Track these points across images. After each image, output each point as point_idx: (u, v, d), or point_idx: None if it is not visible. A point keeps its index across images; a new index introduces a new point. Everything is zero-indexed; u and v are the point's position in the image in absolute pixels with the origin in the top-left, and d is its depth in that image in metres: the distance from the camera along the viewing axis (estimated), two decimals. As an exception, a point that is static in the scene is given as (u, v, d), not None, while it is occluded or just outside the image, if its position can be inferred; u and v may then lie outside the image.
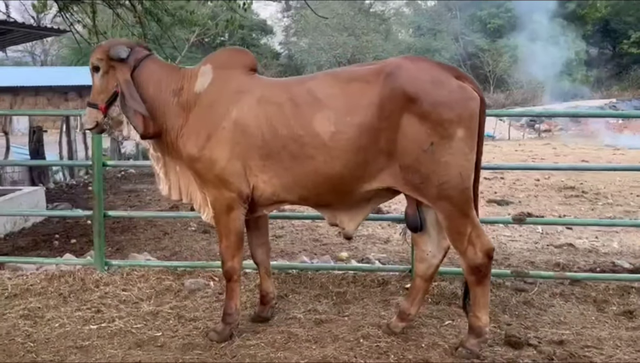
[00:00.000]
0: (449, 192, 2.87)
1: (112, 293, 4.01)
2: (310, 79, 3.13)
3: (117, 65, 3.21)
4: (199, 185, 3.25)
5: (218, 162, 3.09)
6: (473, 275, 2.99)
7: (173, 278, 4.27)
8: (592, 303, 3.86)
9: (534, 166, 6.25)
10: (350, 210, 3.15)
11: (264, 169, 3.08)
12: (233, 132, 3.07)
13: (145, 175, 14.19)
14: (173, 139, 3.25)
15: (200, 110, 3.17)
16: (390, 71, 2.90)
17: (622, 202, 9.62)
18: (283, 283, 4.17)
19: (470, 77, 3.01)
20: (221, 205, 3.16)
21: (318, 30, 40.13)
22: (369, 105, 2.89)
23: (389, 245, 6.66)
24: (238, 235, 3.22)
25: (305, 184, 3.04)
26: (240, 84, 3.15)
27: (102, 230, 4.36)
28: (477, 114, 2.90)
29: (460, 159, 2.86)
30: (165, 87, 3.24)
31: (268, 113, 3.04)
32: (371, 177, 2.97)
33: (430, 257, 3.26)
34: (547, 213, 8.59)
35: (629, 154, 18.63)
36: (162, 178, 3.39)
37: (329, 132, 2.92)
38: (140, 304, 3.84)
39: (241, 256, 3.29)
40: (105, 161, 4.43)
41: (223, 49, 3.89)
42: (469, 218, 2.93)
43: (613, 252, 6.31)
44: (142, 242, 7.00)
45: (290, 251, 6.28)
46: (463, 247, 2.95)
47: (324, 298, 3.95)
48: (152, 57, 3.34)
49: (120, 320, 3.58)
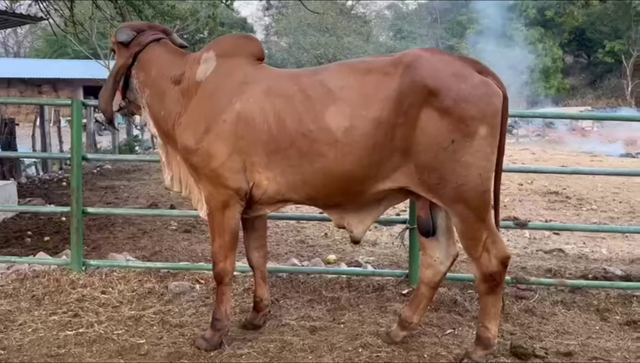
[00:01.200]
0: (467, 194, 2.69)
1: (90, 296, 3.74)
2: (323, 69, 2.92)
3: (119, 49, 3.13)
4: (195, 179, 3.03)
5: (216, 156, 2.87)
6: (486, 283, 2.81)
7: (155, 280, 4.01)
8: (595, 312, 3.74)
9: (540, 169, 6.18)
10: (359, 212, 2.95)
11: (269, 166, 2.86)
12: (235, 125, 2.85)
13: (123, 171, 13.80)
14: (169, 128, 3.04)
15: (200, 100, 2.95)
16: (410, 62, 2.71)
17: (606, 208, 9.63)
18: (273, 287, 3.94)
19: (493, 72, 2.83)
20: (216, 202, 2.94)
21: (299, 30, 39.97)
22: (386, 98, 2.68)
23: (377, 248, 6.48)
24: (233, 234, 3.00)
25: (314, 183, 2.83)
26: (245, 74, 2.94)
27: (80, 228, 4.08)
28: (500, 111, 2.72)
29: (481, 159, 2.68)
30: (166, 72, 3.06)
31: (276, 106, 2.82)
32: (384, 176, 2.78)
33: (437, 264, 3.08)
34: (533, 218, 8.51)
35: (607, 161, 18.85)
36: (166, 167, 3.20)
37: (343, 127, 2.71)
38: (121, 308, 3.59)
39: (234, 258, 3.08)
40: (85, 154, 4.14)
41: (228, 35, 3.67)
42: (485, 223, 2.76)
43: (602, 258, 6.24)
44: (120, 241, 6.69)
45: (276, 253, 6.05)
46: (477, 253, 2.78)
47: (318, 303, 3.74)
48: (162, 40, 3.16)
49: (99, 325, 3.32)
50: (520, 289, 4.01)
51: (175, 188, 3.18)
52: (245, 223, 3.21)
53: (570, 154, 21.22)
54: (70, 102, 4.10)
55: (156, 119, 3.10)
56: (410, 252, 4.01)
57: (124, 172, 13.75)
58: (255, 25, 49.72)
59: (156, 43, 3.13)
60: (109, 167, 13.97)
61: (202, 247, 6.47)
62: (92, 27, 19.97)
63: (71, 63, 34.81)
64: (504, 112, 2.75)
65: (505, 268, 2.83)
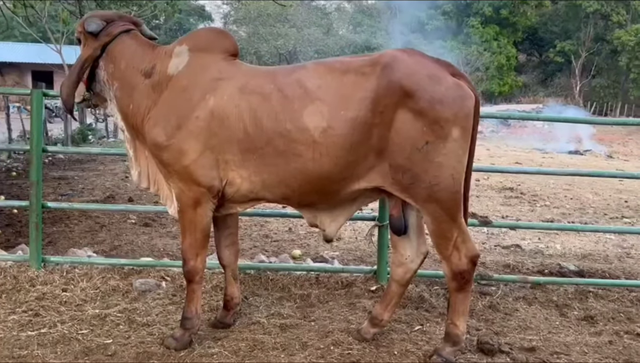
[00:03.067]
0: (439, 194, 2.74)
1: (51, 294, 3.60)
2: (300, 68, 2.89)
3: (86, 39, 3.01)
4: (164, 175, 2.96)
5: (188, 153, 2.81)
6: (455, 281, 2.87)
7: (119, 277, 3.90)
8: (555, 308, 3.87)
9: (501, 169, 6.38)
10: (333, 211, 2.96)
11: (243, 164, 2.83)
12: (209, 122, 2.80)
13: (76, 161, 13.37)
14: (139, 122, 2.95)
15: (171, 95, 2.88)
16: (387, 63, 2.72)
17: (558, 204, 10.00)
18: (242, 284, 3.89)
19: (465, 75, 2.88)
20: (187, 199, 2.88)
21: (259, 19, 39.56)
22: (363, 98, 2.69)
23: (341, 243, 6.52)
24: (204, 232, 2.95)
25: (289, 183, 2.81)
26: (219, 69, 2.88)
27: (40, 223, 3.92)
28: (472, 113, 2.77)
29: (453, 160, 2.73)
30: (136, 65, 2.96)
31: (252, 104, 2.78)
32: (360, 176, 2.79)
33: (408, 262, 3.12)
34: (490, 213, 8.74)
35: (557, 158, 19.57)
36: (133, 163, 3.11)
37: (321, 128, 2.70)
38: (85, 306, 3.48)
39: (205, 256, 3.03)
40: (45, 147, 3.98)
41: (201, 29, 3.61)
42: (456, 222, 2.81)
43: (557, 253, 6.48)
44: (77, 235, 6.49)
45: (240, 248, 6.00)
46: (447, 252, 2.83)
47: (287, 301, 3.73)
48: (132, 32, 3.06)
49: (62, 325, 3.21)
50: (482, 285, 4.12)
51: (143, 185, 3.10)
52: (217, 220, 3.16)
53: (523, 150, 21.91)
54: (30, 92, 3.92)
55: (124, 113, 3.01)
56: (379, 249, 4.04)
57: (77, 162, 13.33)
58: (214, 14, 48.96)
59: (126, 34, 3.03)
60: (62, 156, 13.51)
61: (164, 241, 6.35)
62: (42, 9, 19.15)
63: (19, 46, 33.36)
64: (476, 114, 2.81)
65: (474, 267, 2.89)
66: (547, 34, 46.29)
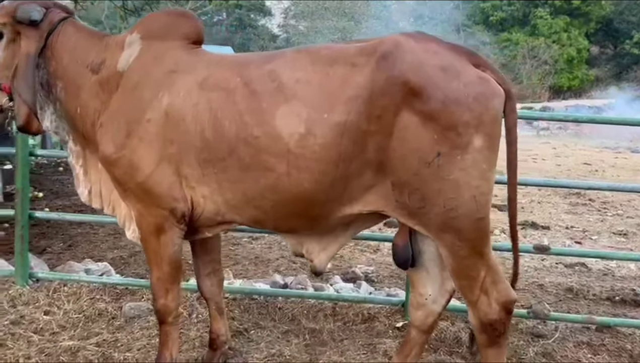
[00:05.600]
0: (458, 221, 2.10)
1: (29, 318, 3.19)
2: (278, 56, 2.29)
3: (25, 31, 2.41)
4: (121, 196, 2.44)
5: (141, 167, 2.28)
6: (485, 333, 2.23)
7: (110, 299, 3.46)
8: (629, 359, 3.10)
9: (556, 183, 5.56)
10: (322, 238, 2.36)
11: (202, 180, 2.27)
12: (163, 126, 2.25)
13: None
14: (88, 128, 2.43)
15: (122, 95, 2.35)
16: (387, 52, 2.10)
17: (633, 213, 8.88)
18: (245, 312, 3.38)
19: (493, 66, 2.21)
20: (148, 225, 2.36)
21: (317, 13, 39.19)
22: (353, 98, 2.08)
23: (378, 255, 5.87)
24: (173, 264, 2.42)
25: (260, 204, 2.23)
26: (176, 60, 2.32)
27: (25, 235, 3.53)
28: (500, 116, 2.13)
29: (475, 177, 2.08)
30: (81, 59, 2.42)
31: (212, 102, 2.21)
32: (353, 197, 2.18)
33: (430, 303, 2.48)
34: (553, 223, 7.84)
35: (632, 158, 17.93)
36: (82, 179, 2.58)
37: (297, 134, 2.10)
38: (61, 335, 3.04)
39: (177, 291, 2.50)
40: (33, 150, 3.58)
41: (157, 11, 3.04)
42: (482, 258, 2.17)
43: (630, 275, 5.57)
44: (100, 239, 6.13)
45: (265, 258, 5.49)
46: (474, 296, 2.19)
47: (295, 336, 3.16)
48: (70, 19, 2.52)
49: (26, 360, 2.77)
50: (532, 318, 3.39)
51: (94, 204, 2.59)
52: (194, 245, 2.63)
53: (593, 148, 20.31)
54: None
55: (71, 118, 2.48)
56: (408, 277, 3.39)
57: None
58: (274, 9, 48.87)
59: (66, 23, 2.50)
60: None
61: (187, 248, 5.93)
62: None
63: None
64: (510, 114, 2.17)
65: (509, 315, 2.24)
66: (623, 24, 43.23)
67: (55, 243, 5.94)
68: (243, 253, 5.65)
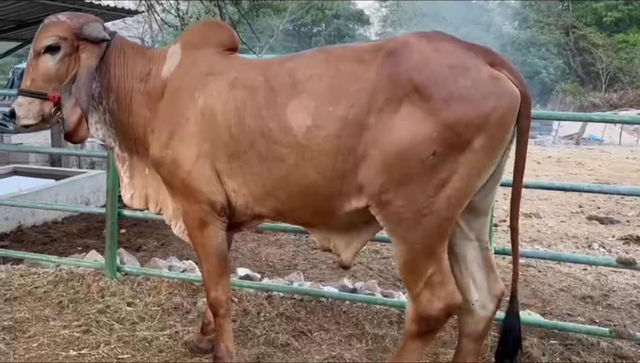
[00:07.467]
0: (427, 219, 2.07)
1: (113, 308, 3.45)
2: (298, 56, 2.40)
3: (88, 47, 2.53)
4: (170, 193, 2.62)
5: (182, 165, 2.43)
6: (417, 325, 2.23)
7: (187, 294, 3.65)
8: None
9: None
10: (345, 234, 2.41)
11: (231, 174, 2.40)
12: (199, 124, 2.39)
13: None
14: (141, 136, 2.63)
15: (166, 100, 2.53)
16: (393, 49, 2.11)
17: None
18: (310, 313, 3.42)
19: (511, 65, 2.12)
20: (192, 220, 2.51)
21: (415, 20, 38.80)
22: (357, 92, 2.11)
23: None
24: (219, 256, 2.56)
25: (277, 194, 2.33)
26: (211, 65, 2.47)
27: (115, 231, 3.83)
28: (511, 118, 2.05)
29: (459, 178, 2.05)
30: (131, 72, 2.61)
31: (238, 100, 2.34)
32: (350, 192, 2.20)
33: (478, 308, 2.39)
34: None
35: None
36: (126, 183, 2.78)
37: (304, 126, 2.17)
38: (139, 326, 3.25)
39: (227, 283, 2.63)
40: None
41: (196, 23, 3.20)
42: (434, 257, 2.14)
43: None
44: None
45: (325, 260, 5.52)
46: (417, 288, 2.20)
47: (358, 341, 3.15)
48: (117, 35, 2.70)
49: (106, 346, 3.00)
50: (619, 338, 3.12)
51: (136, 205, 2.81)
52: None
53: None
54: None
55: (123, 127, 2.66)
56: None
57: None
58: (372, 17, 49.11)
59: (116, 39, 2.66)
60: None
61: (269, 250, 6.11)
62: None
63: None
64: (523, 118, 2.08)
65: (447, 318, 2.23)
66: None
67: (150, 242, 6.38)
68: (321, 258, 5.72)
